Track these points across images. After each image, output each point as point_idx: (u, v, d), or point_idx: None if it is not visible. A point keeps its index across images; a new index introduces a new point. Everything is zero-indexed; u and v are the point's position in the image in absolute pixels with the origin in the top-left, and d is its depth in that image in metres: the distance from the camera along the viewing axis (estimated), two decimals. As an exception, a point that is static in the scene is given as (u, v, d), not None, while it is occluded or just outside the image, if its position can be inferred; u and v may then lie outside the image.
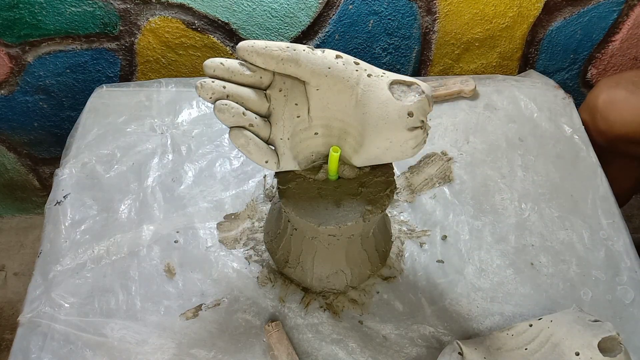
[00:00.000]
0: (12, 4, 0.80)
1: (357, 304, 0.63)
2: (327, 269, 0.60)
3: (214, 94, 0.49)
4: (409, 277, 0.65)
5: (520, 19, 0.88)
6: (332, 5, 0.85)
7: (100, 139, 0.76)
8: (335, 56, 0.51)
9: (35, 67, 0.89)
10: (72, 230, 0.68)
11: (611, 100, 0.80)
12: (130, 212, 0.70)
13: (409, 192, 0.72)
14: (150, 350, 0.59)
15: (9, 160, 1.07)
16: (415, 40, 0.91)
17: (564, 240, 0.69)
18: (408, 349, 0.60)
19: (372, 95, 0.50)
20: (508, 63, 0.96)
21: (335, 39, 0.89)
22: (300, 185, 0.55)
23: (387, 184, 0.55)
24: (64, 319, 0.61)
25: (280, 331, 0.60)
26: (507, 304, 0.63)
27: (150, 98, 0.82)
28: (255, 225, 0.69)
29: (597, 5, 0.87)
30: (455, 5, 0.85)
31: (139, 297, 0.63)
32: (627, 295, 0.64)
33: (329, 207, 0.53)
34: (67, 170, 0.73)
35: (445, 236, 0.69)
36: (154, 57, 0.90)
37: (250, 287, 0.64)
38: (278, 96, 0.51)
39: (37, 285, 0.63)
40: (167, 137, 0.77)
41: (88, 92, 0.83)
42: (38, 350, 0.58)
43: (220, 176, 0.74)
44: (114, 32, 0.87)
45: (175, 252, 0.66)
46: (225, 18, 0.85)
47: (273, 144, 0.52)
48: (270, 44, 0.50)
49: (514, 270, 0.66)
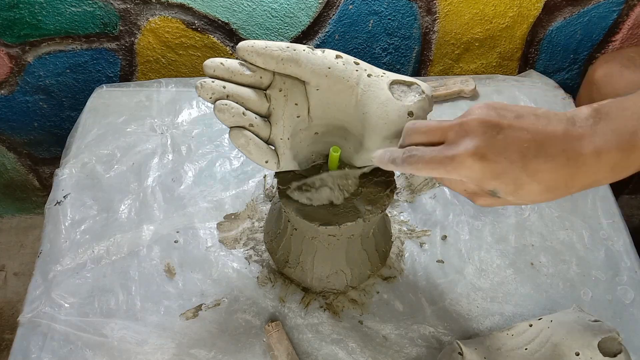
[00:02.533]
0: (12, 4, 0.80)
1: (357, 304, 0.63)
2: (327, 269, 0.60)
3: (214, 94, 0.49)
4: (409, 277, 0.65)
5: (520, 19, 0.88)
6: (332, 5, 0.85)
7: (100, 139, 0.76)
8: (335, 56, 0.51)
9: (35, 67, 0.89)
10: (72, 230, 0.68)
11: (606, 74, 0.81)
12: (130, 212, 0.70)
13: (409, 192, 0.72)
14: (150, 350, 0.59)
15: (9, 160, 1.07)
16: (415, 40, 0.91)
17: (564, 240, 0.69)
18: (408, 349, 0.60)
19: (372, 95, 0.50)
20: (508, 63, 0.96)
21: (335, 39, 0.89)
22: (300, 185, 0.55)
23: (387, 184, 0.55)
24: (64, 319, 0.61)
25: (280, 331, 0.60)
26: (507, 304, 0.63)
27: (150, 98, 0.82)
28: (255, 225, 0.69)
29: (597, 5, 0.87)
30: (455, 5, 0.85)
31: (139, 297, 0.63)
32: (627, 295, 0.64)
33: (329, 207, 0.53)
34: (67, 170, 0.73)
35: (445, 236, 0.69)
36: (154, 57, 0.90)
37: (250, 287, 0.64)
38: (278, 96, 0.51)
39: (37, 285, 0.63)
40: (167, 137, 0.77)
41: (88, 92, 0.83)
42: (38, 350, 0.58)
43: (220, 176, 0.74)
44: (114, 32, 0.87)
45: (175, 252, 0.66)
46: (225, 18, 0.85)
47: (273, 144, 0.52)
48: (270, 44, 0.50)
49: (514, 270, 0.66)
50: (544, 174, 0.38)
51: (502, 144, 0.38)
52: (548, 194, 0.40)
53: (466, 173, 0.39)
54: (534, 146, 0.38)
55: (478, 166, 0.38)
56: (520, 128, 0.38)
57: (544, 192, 0.39)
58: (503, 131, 0.38)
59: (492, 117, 0.39)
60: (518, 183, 0.39)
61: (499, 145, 0.38)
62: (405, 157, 0.42)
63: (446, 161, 0.39)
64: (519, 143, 0.38)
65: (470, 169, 0.39)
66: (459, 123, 0.40)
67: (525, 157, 0.38)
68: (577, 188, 0.39)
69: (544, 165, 0.38)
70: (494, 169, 0.38)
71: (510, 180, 0.39)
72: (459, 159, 0.39)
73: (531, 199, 0.40)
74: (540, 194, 0.39)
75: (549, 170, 0.38)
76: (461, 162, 0.39)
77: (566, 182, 0.39)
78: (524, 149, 0.38)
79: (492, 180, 0.39)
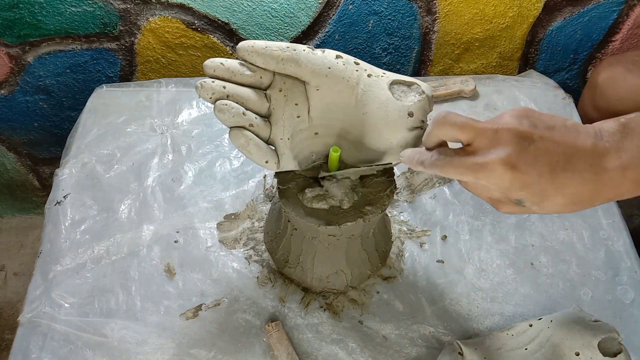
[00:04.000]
0: (12, 4, 0.80)
1: (357, 304, 0.63)
2: (327, 269, 0.60)
3: (214, 94, 0.49)
4: (409, 277, 0.65)
5: (520, 19, 0.88)
6: (332, 5, 0.85)
7: (100, 139, 0.76)
8: (335, 56, 0.51)
9: (35, 67, 0.89)
10: (72, 230, 0.68)
11: (609, 78, 0.81)
12: (130, 212, 0.70)
13: (409, 192, 0.72)
14: (150, 350, 0.59)
15: (9, 160, 1.07)
16: (415, 40, 0.91)
17: (564, 240, 0.69)
18: (408, 349, 0.60)
19: (372, 95, 0.50)
20: (508, 63, 0.96)
21: (335, 39, 0.89)
22: (300, 185, 0.55)
23: (387, 184, 0.55)
24: (64, 319, 0.61)
25: (280, 331, 0.60)
26: (507, 304, 0.63)
27: (150, 98, 0.82)
28: (255, 225, 0.69)
29: (597, 5, 0.87)
30: (455, 5, 0.85)
31: (139, 297, 0.63)
32: (627, 295, 0.64)
33: (329, 207, 0.53)
34: (67, 170, 0.73)
35: (445, 236, 0.69)
36: (154, 57, 0.90)
37: (250, 287, 0.64)
38: (278, 96, 0.51)
39: (37, 285, 0.63)
40: (167, 137, 0.77)
41: (88, 92, 0.83)
42: (38, 350, 0.58)
43: (220, 176, 0.74)
44: (114, 32, 0.87)
45: (175, 252, 0.66)
46: (225, 18, 0.85)
47: (273, 144, 0.52)
48: (270, 44, 0.50)
49: (514, 270, 0.66)
50: (570, 188, 0.39)
51: (533, 156, 0.39)
52: (572, 206, 0.40)
53: (495, 181, 0.40)
54: (562, 159, 0.39)
55: (508, 175, 0.39)
56: (551, 140, 0.39)
57: (569, 204, 0.40)
58: (535, 143, 0.39)
59: (525, 126, 0.39)
60: (544, 195, 0.39)
61: (530, 157, 0.39)
62: (434, 160, 0.43)
63: (476, 167, 0.40)
64: (549, 156, 0.39)
65: (500, 177, 0.39)
66: (494, 130, 0.40)
67: (554, 170, 0.39)
68: (600, 201, 0.40)
69: (571, 180, 0.39)
70: (522, 180, 0.39)
71: (537, 191, 0.39)
72: (490, 167, 0.39)
73: (555, 209, 0.41)
74: (564, 206, 0.40)
75: (576, 184, 0.39)
76: (492, 170, 0.39)
77: (591, 196, 0.40)
78: (553, 162, 0.39)
79: (520, 190, 0.40)
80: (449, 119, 0.42)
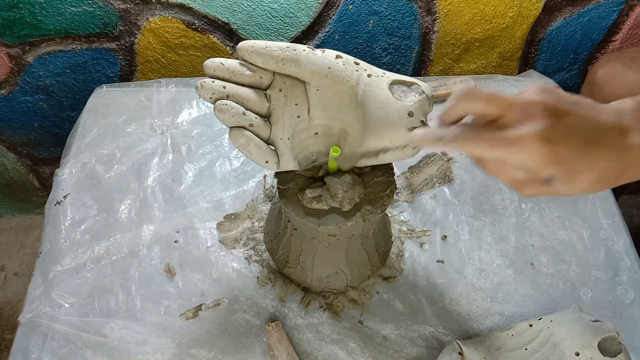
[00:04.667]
0: (12, 4, 0.80)
1: (357, 304, 0.63)
2: (327, 269, 0.60)
3: (214, 94, 0.49)
4: (409, 277, 0.65)
5: (520, 19, 0.88)
6: (332, 5, 0.85)
7: (100, 139, 0.76)
8: (335, 56, 0.51)
9: (35, 67, 0.89)
10: (72, 230, 0.68)
11: (608, 74, 0.81)
12: (130, 212, 0.70)
13: (409, 192, 0.72)
14: (150, 350, 0.59)
15: (9, 160, 1.07)
16: (415, 40, 0.91)
17: (564, 240, 0.69)
18: (408, 349, 0.60)
19: (372, 95, 0.50)
20: (508, 63, 0.96)
21: (335, 39, 0.89)
22: (300, 185, 0.55)
23: (387, 184, 0.55)
24: (64, 319, 0.61)
25: (280, 331, 0.60)
26: (507, 304, 0.63)
27: (150, 98, 0.82)
28: (255, 225, 0.69)
29: (597, 5, 0.87)
30: (455, 5, 0.85)
31: (139, 297, 0.63)
32: (627, 295, 0.64)
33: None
34: (67, 170, 0.73)
35: (445, 236, 0.69)
36: (154, 57, 0.90)
37: (250, 287, 0.64)
38: (278, 96, 0.51)
39: (37, 285, 0.63)
40: (167, 137, 0.77)
41: (88, 92, 0.83)
42: (38, 350, 0.58)
43: (220, 176, 0.74)
44: (114, 32, 0.87)
45: (175, 252, 0.66)
46: (225, 18, 0.85)
47: (273, 144, 0.52)
48: (270, 44, 0.50)
49: (514, 270, 0.66)
50: (600, 163, 0.38)
51: (566, 130, 0.38)
52: (601, 184, 0.39)
53: (529, 155, 0.38)
54: (593, 134, 0.38)
55: (544, 150, 0.37)
56: (579, 115, 0.38)
57: (597, 181, 0.39)
58: (566, 117, 0.38)
59: (553, 101, 0.38)
60: (576, 171, 0.38)
61: (564, 131, 0.38)
62: (457, 134, 0.40)
63: (509, 142, 0.38)
64: (580, 130, 0.38)
65: (535, 152, 0.37)
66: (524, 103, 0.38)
67: (586, 144, 0.38)
68: (625, 179, 0.40)
69: (602, 155, 0.38)
70: (557, 154, 0.38)
71: (570, 167, 0.38)
72: (523, 141, 0.37)
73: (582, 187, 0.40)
74: (593, 183, 0.39)
75: (605, 160, 0.38)
76: (526, 144, 0.37)
77: (619, 172, 0.39)
78: (583, 137, 0.38)
79: (554, 165, 0.38)
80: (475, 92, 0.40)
